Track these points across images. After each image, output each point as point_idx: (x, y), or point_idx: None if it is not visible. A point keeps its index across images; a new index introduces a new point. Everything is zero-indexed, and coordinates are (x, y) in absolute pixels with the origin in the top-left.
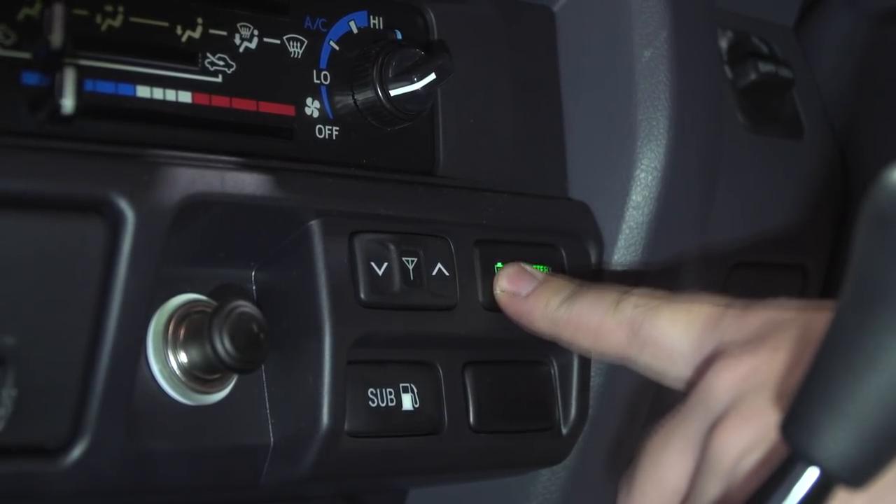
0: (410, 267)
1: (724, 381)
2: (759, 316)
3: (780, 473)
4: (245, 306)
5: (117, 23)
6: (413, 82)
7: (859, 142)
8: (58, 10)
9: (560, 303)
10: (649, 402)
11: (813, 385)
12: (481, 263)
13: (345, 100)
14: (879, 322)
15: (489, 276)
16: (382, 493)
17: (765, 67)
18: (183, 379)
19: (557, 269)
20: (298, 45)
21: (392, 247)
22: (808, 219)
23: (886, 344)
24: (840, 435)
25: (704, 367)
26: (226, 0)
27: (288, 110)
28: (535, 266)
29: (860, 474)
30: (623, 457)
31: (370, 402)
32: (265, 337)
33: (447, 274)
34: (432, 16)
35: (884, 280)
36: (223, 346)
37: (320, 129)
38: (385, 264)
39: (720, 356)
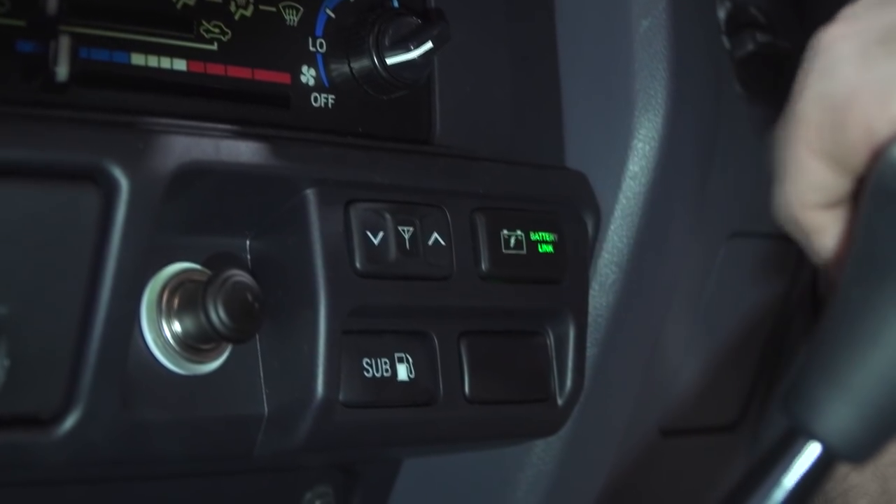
0: (406, 236)
1: None
2: None
3: (781, 447)
4: (240, 275)
5: None
6: (409, 51)
7: None
8: None
9: None
10: (644, 373)
11: (816, 360)
12: (478, 232)
13: (341, 68)
14: (884, 298)
15: (486, 245)
16: (376, 464)
17: (763, 38)
18: (177, 348)
19: (555, 237)
20: (294, 12)
21: (388, 216)
22: None
23: (890, 319)
24: (842, 410)
25: None
26: None
27: (283, 78)
28: (532, 234)
29: (862, 450)
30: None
31: (365, 373)
32: (260, 306)
33: (443, 243)
34: None
35: (888, 255)
36: (217, 315)
37: (316, 98)
38: (381, 233)
39: None
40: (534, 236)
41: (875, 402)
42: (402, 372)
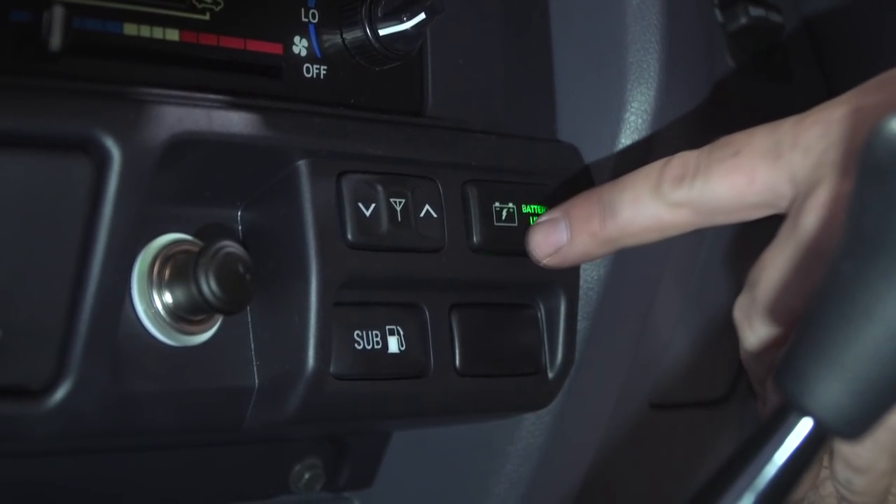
0: (398, 208)
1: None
2: (813, 133)
3: (773, 423)
4: (231, 247)
5: None
6: (402, 22)
7: (848, 87)
8: None
9: (601, 226)
10: (635, 347)
11: (808, 334)
12: (469, 205)
13: (333, 39)
14: (876, 271)
15: (477, 217)
16: (366, 437)
17: (755, 11)
18: (167, 320)
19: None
20: None
21: (380, 187)
22: None
23: (883, 294)
24: (834, 386)
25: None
26: None
27: (275, 49)
28: (524, 207)
29: (854, 426)
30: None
31: (356, 345)
32: (251, 278)
33: (435, 215)
34: None
35: (881, 229)
36: (209, 286)
37: (308, 68)
38: (373, 205)
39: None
40: (525, 209)
41: (867, 377)
42: (393, 344)
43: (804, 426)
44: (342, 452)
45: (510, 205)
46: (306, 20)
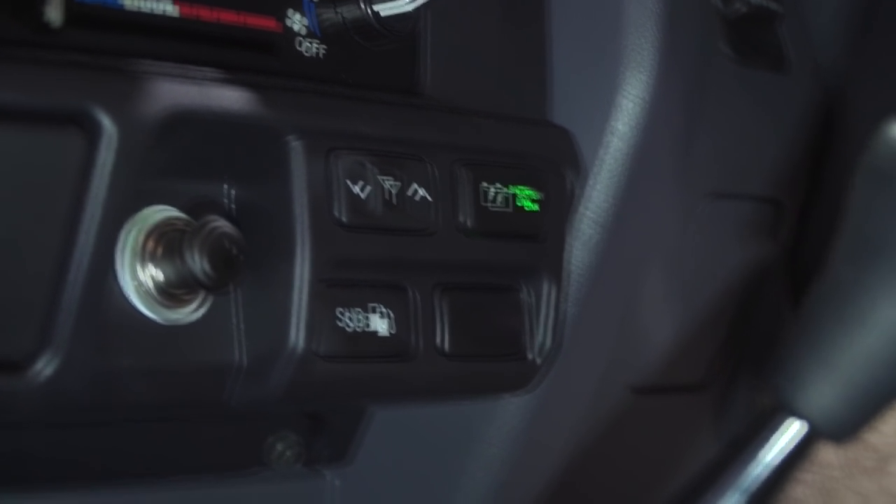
0: (389, 189)
1: None
2: None
3: (764, 423)
4: (223, 224)
5: None
6: (402, 0)
7: (844, 78)
8: None
9: None
10: (618, 332)
11: (803, 338)
12: (459, 186)
13: (331, 16)
14: (875, 278)
15: (467, 199)
16: (343, 411)
17: None
18: (155, 296)
19: (537, 193)
20: None
21: (372, 167)
22: (787, 154)
23: (880, 301)
24: (827, 389)
25: None
26: None
27: (273, 24)
28: (514, 189)
29: (844, 429)
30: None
31: (343, 326)
32: (241, 256)
33: (426, 197)
34: None
35: (882, 236)
36: (199, 264)
37: (304, 45)
38: (364, 185)
39: None
40: (517, 192)
41: (860, 382)
42: (381, 325)
43: (795, 428)
44: (318, 427)
45: (501, 187)
46: None
